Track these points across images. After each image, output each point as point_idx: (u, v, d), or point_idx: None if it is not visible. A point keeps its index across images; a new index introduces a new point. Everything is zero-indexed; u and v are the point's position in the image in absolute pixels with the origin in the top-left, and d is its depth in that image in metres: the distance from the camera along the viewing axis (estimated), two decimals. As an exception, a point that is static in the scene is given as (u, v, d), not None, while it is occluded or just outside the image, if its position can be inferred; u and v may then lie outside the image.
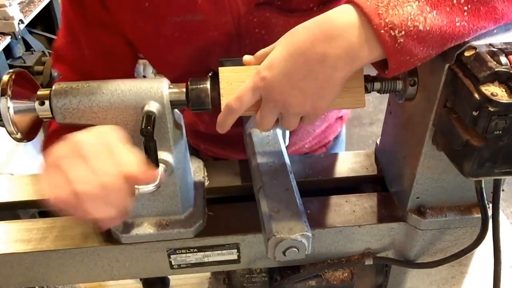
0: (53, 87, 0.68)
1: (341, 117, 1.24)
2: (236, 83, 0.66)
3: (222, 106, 0.66)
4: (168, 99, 0.67)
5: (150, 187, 0.68)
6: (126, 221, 0.77)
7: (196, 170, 0.87)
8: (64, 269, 0.79)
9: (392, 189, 0.84)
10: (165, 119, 0.68)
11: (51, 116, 0.68)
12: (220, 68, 0.67)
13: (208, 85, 0.68)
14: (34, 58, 2.48)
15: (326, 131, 1.20)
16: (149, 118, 0.64)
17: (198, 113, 0.95)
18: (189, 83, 0.68)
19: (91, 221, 0.64)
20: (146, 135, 0.63)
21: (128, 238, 0.76)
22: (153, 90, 0.67)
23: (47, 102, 0.67)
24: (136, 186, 0.66)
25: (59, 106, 0.67)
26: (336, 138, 1.27)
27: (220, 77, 0.66)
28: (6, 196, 0.88)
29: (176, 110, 0.72)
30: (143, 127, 0.63)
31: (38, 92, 0.68)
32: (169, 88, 0.68)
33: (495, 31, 0.60)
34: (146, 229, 0.76)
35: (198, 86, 0.68)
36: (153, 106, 0.66)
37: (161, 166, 0.70)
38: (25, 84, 0.69)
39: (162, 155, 0.70)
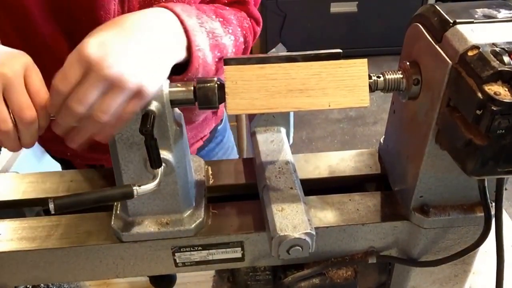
0: None
1: (215, 113, 1.28)
2: (241, 81, 0.67)
3: (227, 105, 0.67)
4: (168, 98, 0.68)
5: (151, 186, 0.68)
6: (127, 220, 0.77)
7: (197, 169, 0.88)
8: (69, 266, 0.80)
9: (396, 188, 0.85)
10: (165, 117, 0.68)
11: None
12: (225, 67, 0.67)
13: (215, 84, 0.68)
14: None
15: (203, 123, 1.24)
16: (149, 116, 0.65)
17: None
18: (196, 82, 0.69)
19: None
20: (146, 133, 0.64)
21: (129, 237, 0.77)
22: None
23: None
24: (135, 187, 0.67)
25: None
26: (213, 131, 1.31)
27: (225, 76, 0.67)
28: (12, 194, 0.88)
29: (176, 109, 0.72)
30: (142, 125, 0.64)
31: None
32: (176, 87, 0.68)
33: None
34: (146, 227, 0.77)
35: (206, 85, 0.68)
36: (152, 105, 0.67)
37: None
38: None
39: (162, 153, 0.70)
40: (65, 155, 1.20)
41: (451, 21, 0.65)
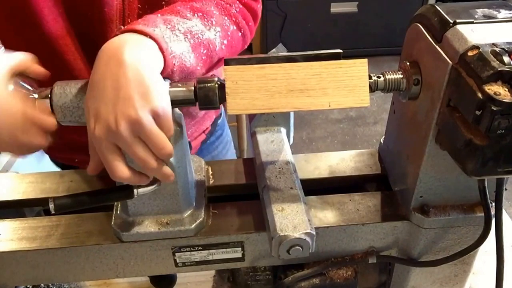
0: (54, 86, 0.68)
1: None
2: (241, 81, 0.67)
3: (227, 105, 0.67)
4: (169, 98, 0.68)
5: (151, 186, 0.68)
6: (127, 220, 0.77)
7: (197, 169, 0.88)
8: (69, 266, 0.80)
9: (396, 188, 0.85)
10: None
11: None
12: (225, 67, 0.67)
13: (215, 84, 0.68)
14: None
15: (205, 115, 1.24)
16: None
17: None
18: (197, 82, 0.69)
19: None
20: None
21: (129, 236, 0.77)
22: None
23: (47, 101, 0.68)
24: (135, 187, 0.67)
25: (60, 105, 0.68)
26: (214, 124, 1.31)
27: (225, 76, 0.67)
28: (12, 195, 0.88)
29: (176, 109, 0.72)
30: None
31: (39, 91, 0.69)
32: (177, 87, 0.68)
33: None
34: (146, 227, 0.77)
35: (206, 85, 0.68)
36: None
37: None
38: (25, 83, 0.69)
39: None
40: (73, 162, 1.20)
41: (451, 21, 0.65)
